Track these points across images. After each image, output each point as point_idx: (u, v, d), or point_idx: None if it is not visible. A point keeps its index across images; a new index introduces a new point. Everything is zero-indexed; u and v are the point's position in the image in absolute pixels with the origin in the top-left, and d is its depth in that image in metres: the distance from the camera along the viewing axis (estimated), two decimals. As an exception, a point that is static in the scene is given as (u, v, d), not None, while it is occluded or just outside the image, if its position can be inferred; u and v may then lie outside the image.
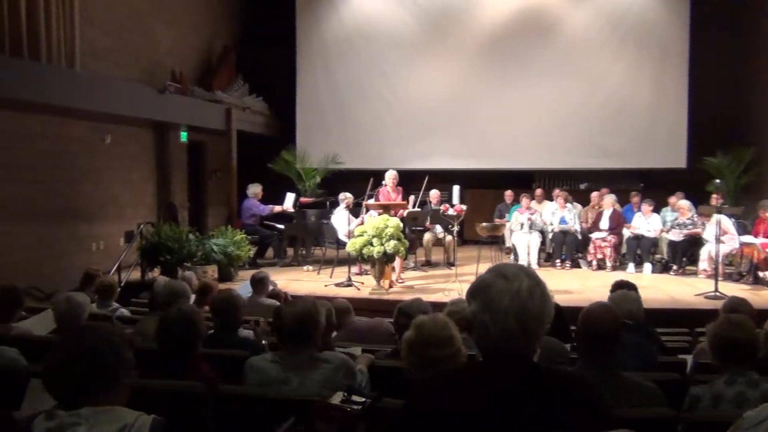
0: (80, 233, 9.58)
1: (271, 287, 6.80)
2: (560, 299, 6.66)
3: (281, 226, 10.95)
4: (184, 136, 11.72)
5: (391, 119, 13.64)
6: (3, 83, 7.16)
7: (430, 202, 10.96)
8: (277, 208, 11.08)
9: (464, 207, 10.05)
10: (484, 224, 9.74)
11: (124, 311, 5.83)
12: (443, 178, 12.60)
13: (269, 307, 5.74)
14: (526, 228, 10.37)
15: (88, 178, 9.73)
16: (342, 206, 9.86)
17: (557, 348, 3.67)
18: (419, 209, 10.48)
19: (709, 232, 9.22)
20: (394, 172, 9.78)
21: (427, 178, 9.91)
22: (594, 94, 13.03)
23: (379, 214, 8.64)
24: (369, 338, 4.60)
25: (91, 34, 9.50)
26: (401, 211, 9.45)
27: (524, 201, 10.71)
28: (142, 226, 9.77)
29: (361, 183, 9.93)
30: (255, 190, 11.10)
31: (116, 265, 8.99)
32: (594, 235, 10.31)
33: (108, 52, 10.02)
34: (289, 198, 11.36)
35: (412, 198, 10.50)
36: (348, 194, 9.95)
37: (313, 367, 2.96)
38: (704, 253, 9.41)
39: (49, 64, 8.19)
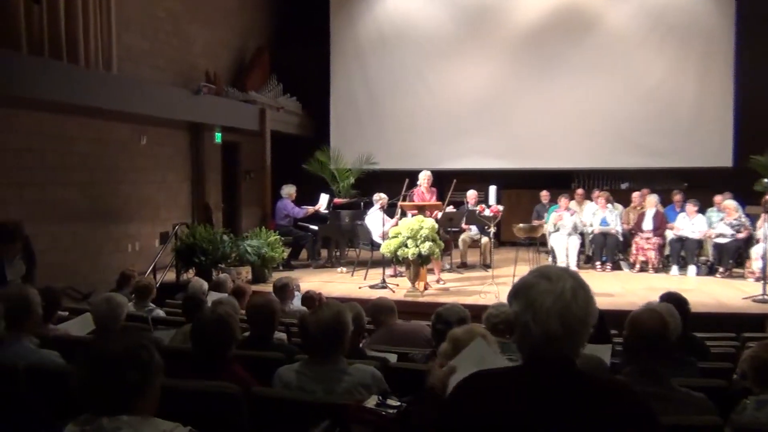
0: (116, 234, 9.77)
1: (297, 292, 6.79)
2: (601, 302, 6.55)
3: (315, 227, 11.02)
4: (218, 136, 11.87)
5: (426, 119, 13.61)
6: (43, 86, 7.36)
7: (467, 202, 10.91)
8: (311, 210, 11.15)
9: (501, 208, 9.98)
10: (522, 225, 9.65)
11: (160, 312, 5.92)
12: (479, 178, 12.52)
13: (296, 313, 5.79)
14: (569, 228, 10.21)
15: (124, 180, 9.92)
16: (376, 207, 9.88)
17: (596, 362, 3.54)
18: (455, 210, 10.44)
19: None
20: (428, 173, 9.76)
21: (454, 182, 9.86)
22: (635, 91, 12.81)
23: (413, 215, 8.63)
24: (407, 341, 4.58)
25: (127, 37, 9.70)
26: (436, 211, 9.42)
27: (562, 201, 10.57)
28: (177, 227, 9.93)
29: (396, 183, 9.93)
30: (289, 190, 11.18)
31: (152, 266, 9.15)
32: (639, 237, 10.14)
33: (144, 55, 10.21)
34: (323, 199, 11.42)
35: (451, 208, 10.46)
36: (382, 195, 9.97)
37: (340, 380, 2.93)
38: (757, 252, 9.13)
39: (87, 67, 8.38)
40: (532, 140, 13.07)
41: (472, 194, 10.99)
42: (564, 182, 12.96)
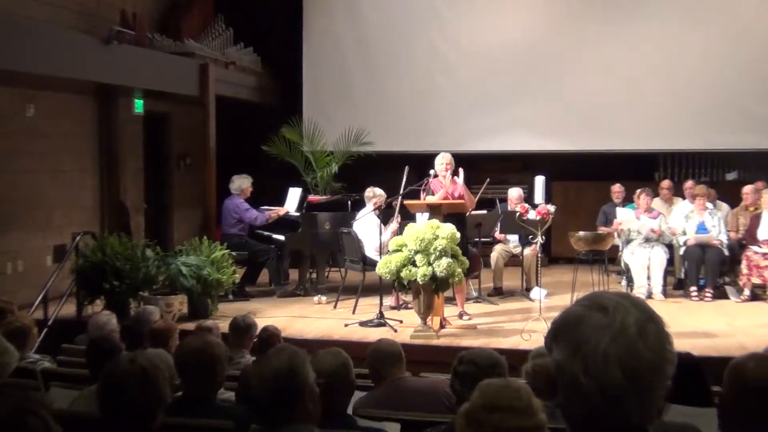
0: (-9, 248, 9.77)
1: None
2: (697, 346, 6.53)
3: (281, 237, 11.00)
4: (139, 105, 11.87)
5: (445, 81, 13.64)
6: None
7: (509, 204, 10.87)
8: (275, 214, 11.09)
9: (552, 208, 9.96)
10: (582, 233, 9.66)
11: (46, 364, 5.87)
12: (522, 166, 12.56)
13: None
14: (643, 237, 10.23)
15: (1, 168, 9.91)
16: (369, 207, 9.87)
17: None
18: (484, 212, 10.43)
19: None
20: (448, 156, 9.71)
21: (488, 181, 9.86)
22: (743, 44, 12.79)
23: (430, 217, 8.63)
24: (418, 405, 4.54)
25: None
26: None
27: (642, 199, 10.57)
28: (78, 238, 9.90)
29: (399, 173, 9.93)
30: (242, 184, 11.15)
31: (41, 294, 9.12)
32: (752, 250, 10.15)
33: (30, -14, 10.21)
34: (293, 196, 11.40)
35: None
36: (378, 190, 9.99)
37: None
38: None
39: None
40: (596, 112, 13.09)
41: (515, 194, 10.92)
42: (643, 172, 12.99)
